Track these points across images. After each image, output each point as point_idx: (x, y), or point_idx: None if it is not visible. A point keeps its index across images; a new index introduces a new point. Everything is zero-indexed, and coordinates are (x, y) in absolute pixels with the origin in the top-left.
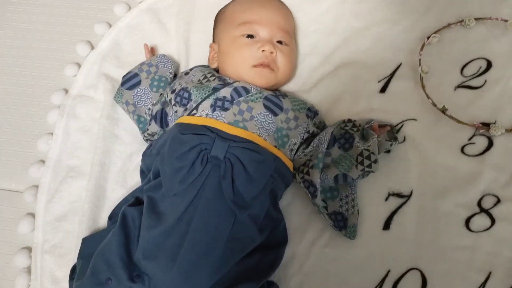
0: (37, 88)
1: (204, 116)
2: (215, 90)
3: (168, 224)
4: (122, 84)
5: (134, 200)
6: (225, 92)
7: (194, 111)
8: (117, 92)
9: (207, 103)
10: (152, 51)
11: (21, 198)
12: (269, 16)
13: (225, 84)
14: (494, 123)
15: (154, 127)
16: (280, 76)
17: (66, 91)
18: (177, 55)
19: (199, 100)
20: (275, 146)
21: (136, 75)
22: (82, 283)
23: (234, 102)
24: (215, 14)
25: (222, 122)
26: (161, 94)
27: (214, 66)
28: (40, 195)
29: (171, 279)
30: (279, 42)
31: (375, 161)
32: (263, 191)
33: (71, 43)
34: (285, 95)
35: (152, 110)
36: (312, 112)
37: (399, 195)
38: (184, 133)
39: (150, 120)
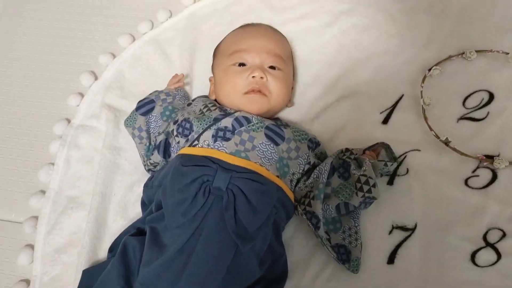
0: (39, 117)
1: (205, 146)
2: (216, 120)
3: (168, 256)
4: (137, 109)
5: (136, 231)
6: (226, 122)
7: (196, 142)
8: (130, 117)
9: (208, 134)
10: (179, 81)
11: (21, 229)
12: (258, 43)
13: (226, 114)
14: (498, 155)
15: (156, 157)
16: (274, 101)
17: (69, 120)
18: None
19: (201, 130)
20: (277, 176)
21: (152, 101)
22: None
23: (236, 132)
24: (218, 42)
25: (224, 152)
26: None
27: (212, 96)
28: (39, 227)
29: None
30: (272, 67)
31: (374, 185)
32: (266, 222)
33: (75, 73)
34: (286, 125)
35: (156, 139)
36: (313, 143)
37: (403, 228)
38: (186, 165)
39: (153, 150)
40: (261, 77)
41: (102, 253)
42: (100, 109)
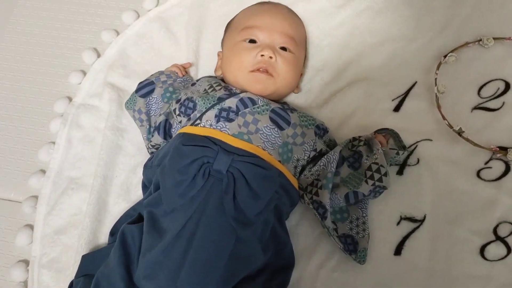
0: (40, 95)
1: (208, 126)
2: (220, 100)
3: (167, 241)
4: (137, 90)
5: (136, 217)
6: (231, 102)
7: (198, 121)
8: (130, 99)
9: (211, 113)
10: (183, 70)
11: (20, 208)
12: (273, 21)
13: (231, 94)
14: None
15: (157, 139)
16: (280, 83)
17: (70, 99)
18: None
19: (204, 110)
20: (280, 161)
21: (152, 83)
22: None
23: (240, 113)
24: (226, 23)
25: (226, 133)
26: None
27: (218, 74)
28: (39, 207)
29: None
30: (283, 48)
31: (386, 174)
32: (267, 208)
33: (77, 50)
34: (293, 109)
35: (156, 121)
36: (321, 130)
37: (411, 220)
38: (186, 145)
39: (153, 131)
40: (270, 57)
41: (103, 236)
42: (102, 88)
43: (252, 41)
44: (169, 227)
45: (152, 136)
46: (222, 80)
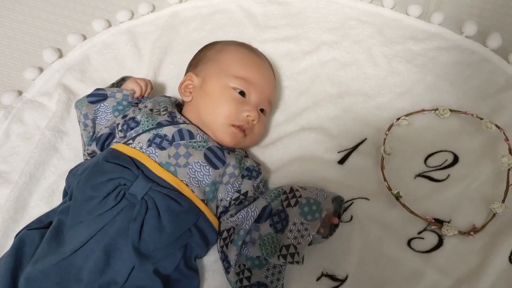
0: None
1: (138, 149)
2: (159, 125)
3: (64, 255)
4: (88, 96)
5: (45, 224)
6: (168, 130)
7: (130, 141)
8: (80, 100)
9: (145, 137)
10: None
11: None
12: (264, 83)
13: (172, 122)
14: (449, 222)
15: (93, 147)
16: (247, 143)
17: (20, 93)
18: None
19: (140, 131)
20: (202, 200)
21: (105, 96)
22: None
23: (174, 143)
24: (192, 48)
25: (153, 160)
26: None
27: (186, 97)
28: None
29: None
30: (261, 110)
31: (299, 255)
32: (174, 245)
33: (40, 47)
34: (232, 150)
35: (99, 131)
36: (250, 171)
37: (332, 278)
38: (109, 161)
39: (92, 141)
40: (253, 120)
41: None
42: (55, 88)
43: (242, 93)
44: (69, 241)
45: (90, 145)
46: (178, 104)
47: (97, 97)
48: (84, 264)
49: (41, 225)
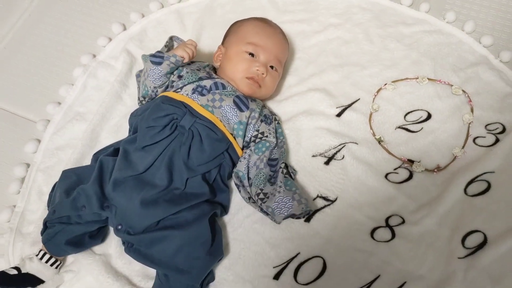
0: (71, 48)
1: (185, 95)
2: (201, 79)
3: (138, 172)
4: (150, 55)
5: (111, 150)
6: (207, 82)
7: (179, 90)
8: (145, 55)
9: (190, 86)
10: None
11: (34, 127)
12: (272, 46)
13: (209, 77)
14: (419, 162)
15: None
16: (263, 92)
17: (94, 56)
18: None
19: (186, 82)
20: (231, 134)
21: (162, 58)
22: (62, 204)
23: (211, 91)
24: (225, 25)
25: (196, 103)
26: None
27: (217, 63)
28: (49, 128)
29: (133, 206)
30: (271, 66)
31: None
32: (212, 162)
33: (109, 22)
34: (254, 100)
35: (157, 91)
36: (267, 118)
37: (325, 199)
38: (165, 103)
39: (146, 93)
40: (262, 73)
41: (88, 157)
42: (120, 53)
43: (252, 54)
44: (137, 161)
45: (144, 99)
46: (214, 69)
47: (157, 58)
48: (154, 178)
49: (108, 152)
